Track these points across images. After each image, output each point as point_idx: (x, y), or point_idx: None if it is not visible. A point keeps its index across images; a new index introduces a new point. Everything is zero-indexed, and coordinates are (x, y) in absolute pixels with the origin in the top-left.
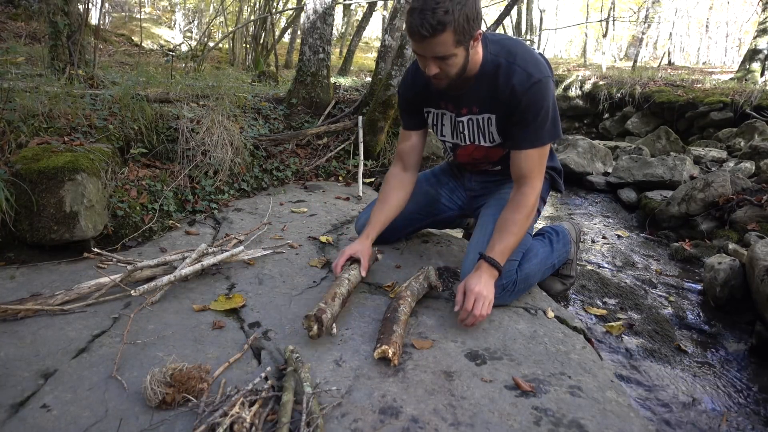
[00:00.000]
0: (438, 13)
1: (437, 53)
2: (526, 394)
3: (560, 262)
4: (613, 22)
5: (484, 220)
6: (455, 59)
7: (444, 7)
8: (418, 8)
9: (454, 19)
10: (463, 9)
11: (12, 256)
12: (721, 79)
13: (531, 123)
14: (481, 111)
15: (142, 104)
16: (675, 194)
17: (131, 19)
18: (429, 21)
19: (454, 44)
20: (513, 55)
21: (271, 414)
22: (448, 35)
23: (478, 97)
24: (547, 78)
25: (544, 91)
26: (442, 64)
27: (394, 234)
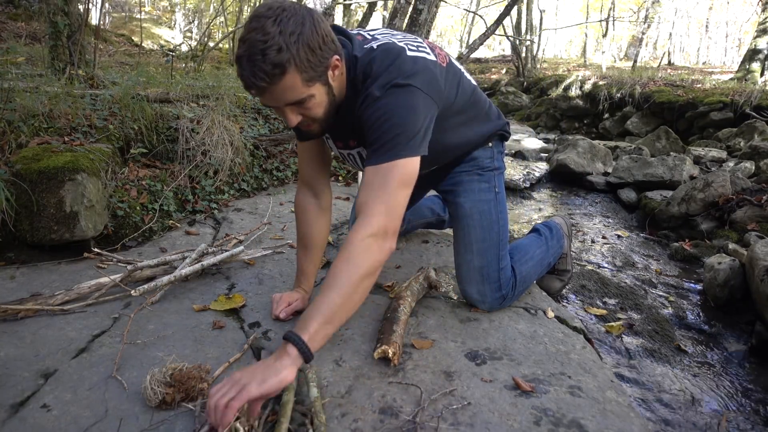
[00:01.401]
0: (269, 54)
1: (288, 100)
2: (526, 394)
3: (555, 258)
4: (613, 22)
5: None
6: (314, 99)
7: (275, 44)
8: (245, 56)
9: (293, 55)
10: (300, 39)
11: (12, 256)
12: (721, 79)
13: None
14: (360, 143)
15: (142, 104)
16: (675, 194)
17: (131, 19)
18: (263, 68)
19: (305, 84)
20: (369, 70)
21: (272, 414)
22: (292, 77)
23: (348, 130)
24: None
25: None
26: (301, 109)
27: None
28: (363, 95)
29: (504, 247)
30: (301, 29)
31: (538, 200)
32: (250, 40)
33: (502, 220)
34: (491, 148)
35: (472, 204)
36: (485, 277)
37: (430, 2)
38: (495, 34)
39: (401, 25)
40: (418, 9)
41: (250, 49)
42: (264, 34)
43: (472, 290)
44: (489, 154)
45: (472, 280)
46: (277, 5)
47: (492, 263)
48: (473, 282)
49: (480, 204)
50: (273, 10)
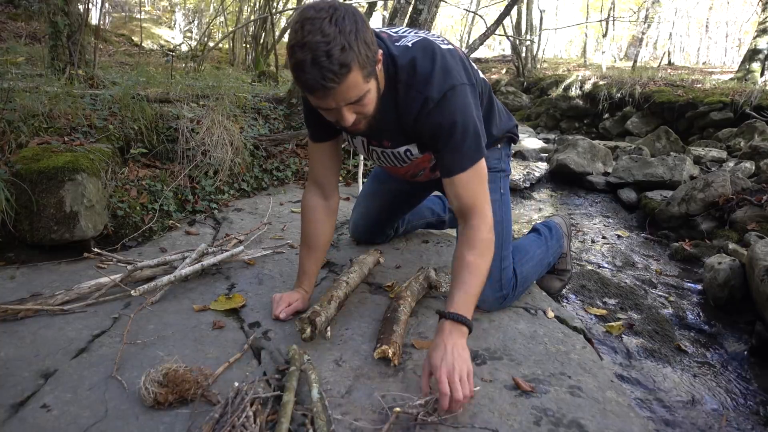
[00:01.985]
0: (334, 54)
1: (349, 99)
2: (526, 394)
3: (555, 258)
4: (613, 22)
5: None
6: (369, 96)
7: (338, 43)
8: (309, 59)
9: (356, 53)
10: (358, 35)
11: (12, 256)
12: (721, 79)
13: (450, 144)
14: (395, 145)
15: (142, 104)
16: (675, 194)
17: (131, 19)
18: (329, 68)
19: (365, 80)
20: (412, 71)
21: (272, 414)
22: (355, 74)
23: (385, 129)
24: (454, 88)
25: (453, 106)
26: (358, 107)
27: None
28: (418, 98)
29: (507, 248)
30: (356, 26)
31: (538, 200)
32: (311, 43)
33: (506, 222)
34: (499, 150)
35: None
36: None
37: (430, 2)
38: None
39: (401, 25)
40: (418, 9)
41: (314, 52)
42: (324, 35)
43: None
44: (497, 156)
45: None
46: (327, 5)
47: (494, 263)
48: None
49: None
50: (325, 10)
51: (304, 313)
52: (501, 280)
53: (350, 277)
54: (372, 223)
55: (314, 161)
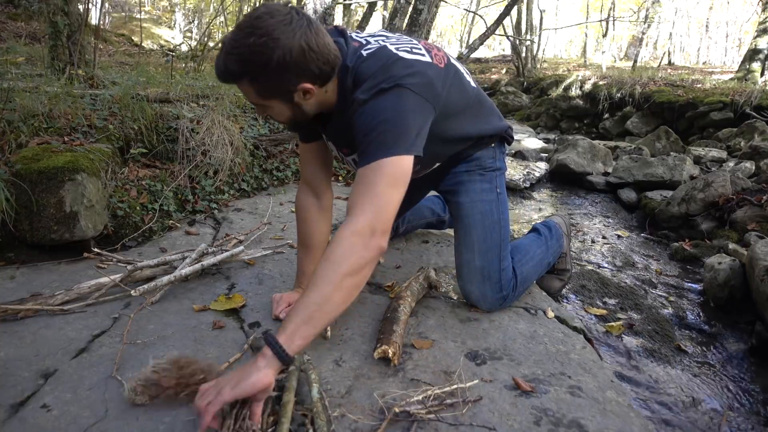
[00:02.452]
0: (229, 61)
1: (248, 99)
2: (526, 394)
3: (555, 258)
4: (613, 22)
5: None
6: (272, 110)
7: (237, 54)
8: (222, 48)
9: (248, 71)
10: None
11: (12, 256)
12: (721, 79)
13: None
14: (352, 152)
15: (142, 104)
16: (675, 194)
17: (131, 19)
18: (220, 67)
19: (258, 96)
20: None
21: (272, 414)
22: (246, 86)
23: (341, 136)
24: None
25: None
26: (263, 110)
27: None
28: (353, 102)
29: (505, 247)
30: (271, 53)
31: (538, 200)
32: (228, 38)
33: (504, 221)
34: (493, 149)
35: (474, 204)
36: (486, 278)
37: (430, 2)
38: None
39: (401, 25)
40: (418, 9)
41: (224, 46)
42: (236, 42)
43: (473, 290)
44: (491, 154)
45: (473, 281)
46: (266, 20)
47: (493, 263)
48: (474, 282)
49: (482, 204)
50: (259, 20)
51: None
52: (501, 281)
53: None
54: None
55: (303, 161)
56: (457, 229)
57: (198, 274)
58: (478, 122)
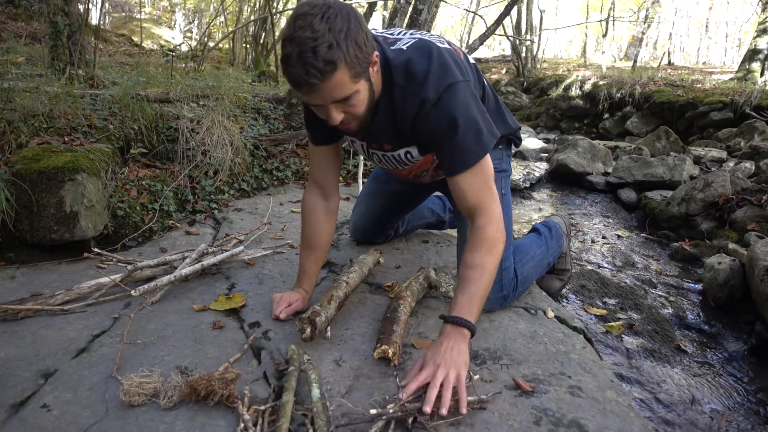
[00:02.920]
0: (320, 51)
1: (335, 97)
2: (526, 394)
3: (555, 258)
4: (613, 22)
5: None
6: (357, 96)
7: (326, 41)
8: (295, 54)
9: (343, 52)
10: (349, 35)
11: (12, 256)
12: (721, 79)
13: (451, 143)
14: (395, 148)
15: (142, 104)
16: (675, 194)
17: (131, 19)
18: (315, 65)
19: (352, 80)
20: (407, 73)
21: (272, 414)
22: (341, 73)
23: (384, 132)
24: (450, 86)
25: (450, 105)
26: (345, 107)
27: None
28: (415, 100)
29: (507, 248)
30: (348, 26)
31: (538, 200)
32: (299, 38)
33: (507, 222)
34: (500, 150)
35: None
36: None
37: (430, 2)
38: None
39: (401, 25)
40: (418, 9)
41: (300, 47)
42: (313, 32)
43: None
44: (497, 156)
45: None
46: (322, 2)
47: None
48: None
49: None
50: (318, 7)
51: (304, 313)
52: (501, 281)
53: (350, 277)
54: (372, 223)
55: (314, 163)
56: (460, 228)
57: (198, 274)
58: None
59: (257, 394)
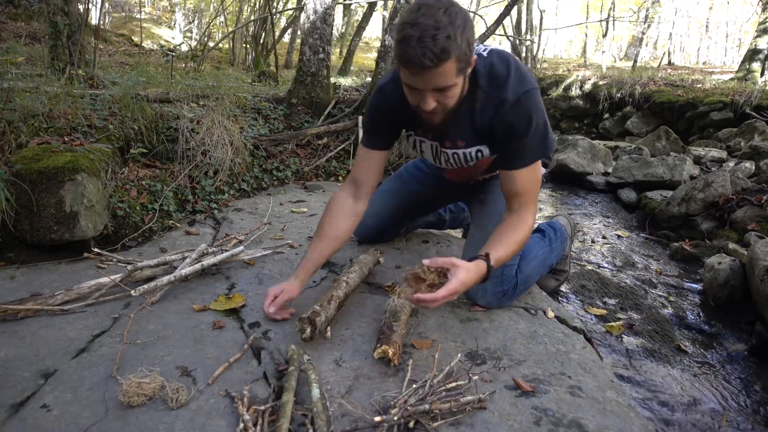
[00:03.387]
0: (439, 39)
1: (438, 84)
2: (526, 394)
3: (558, 260)
4: (613, 22)
5: (482, 219)
6: (454, 89)
7: (446, 32)
8: (416, 36)
9: (458, 46)
10: (464, 33)
11: (12, 256)
12: (721, 79)
13: (520, 141)
14: (469, 145)
15: (142, 104)
16: (675, 194)
17: (131, 19)
18: (432, 49)
19: (456, 73)
20: (490, 76)
21: (271, 414)
22: (451, 64)
23: (461, 130)
24: (528, 92)
25: (527, 107)
26: (441, 96)
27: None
28: (494, 101)
29: None
30: (465, 25)
31: (538, 200)
32: (422, 24)
33: None
34: None
35: (497, 207)
36: None
37: None
38: (495, 34)
39: None
40: None
41: (422, 32)
42: (436, 21)
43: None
44: None
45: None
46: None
47: None
48: None
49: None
50: (442, 2)
51: (303, 313)
52: (502, 276)
53: (350, 277)
54: (384, 222)
55: (363, 166)
56: (472, 226)
57: (198, 274)
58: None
59: (257, 394)
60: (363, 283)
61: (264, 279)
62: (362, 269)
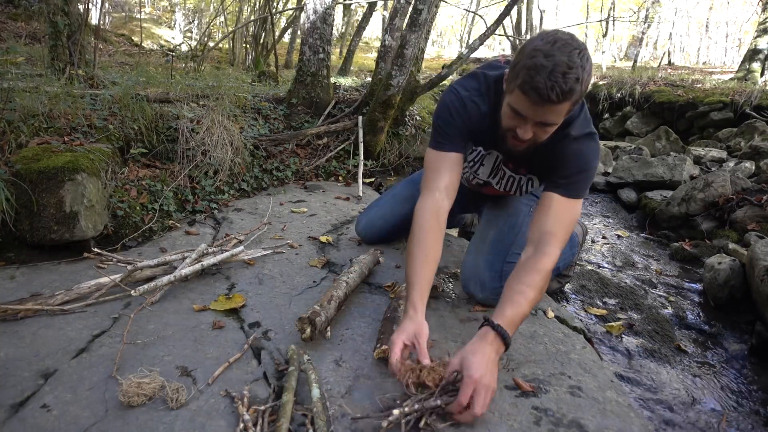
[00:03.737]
0: (570, 79)
1: (547, 120)
2: (526, 394)
3: (565, 266)
4: (613, 22)
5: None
6: (555, 128)
7: (576, 74)
8: (549, 68)
9: (581, 90)
10: (587, 80)
11: (12, 256)
12: (722, 79)
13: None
14: (529, 173)
15: (142, 104)
16: (675, 194)
17: (131, 19)
18: (561, 86)
19: (566, 114)
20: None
21: (271, 414)
22: (568, 105)
23: (531, 162)
24: (591, 134)
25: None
26: (540, 130)
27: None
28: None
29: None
30: (590, 71)
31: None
32: (557, 59)
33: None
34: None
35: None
36: (489, 266)
37: (430, 2)
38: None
39: (401, 25)
40: (418, 9)
41: (556, 66)
42: (571, 60)
43: (473, 275)
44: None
45: (477, 267)
46: (579, 42)
47: (500, 255)
48: (477, 269)
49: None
50: (578, 43)
51: (303, 313)
52: (502, 271)
53: (350, 277)
54: (392, 226)
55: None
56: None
57: (198, 274)
58: None
59: (257, 394)
60: (363, 283)
61: (264, 279)
62: (362, 269)
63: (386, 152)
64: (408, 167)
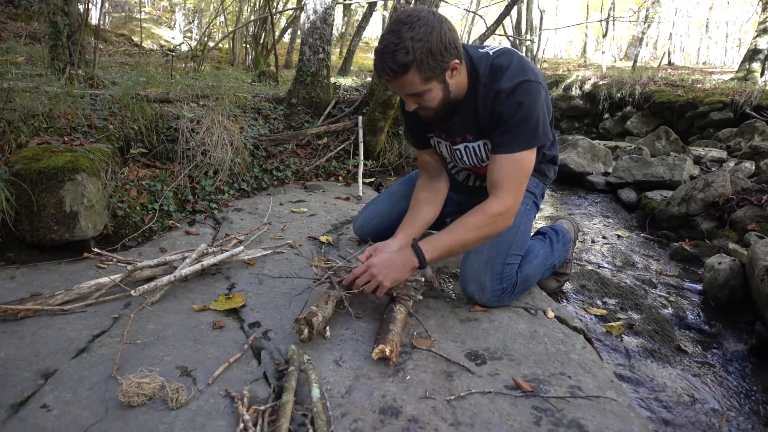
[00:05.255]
0: (398, 55)
1: (406, 92)
2: (526, 394)
3: (560, 262)
4: (613, 22)
5: None
6: (430, 94)
7: (404, 47)
8: (380, 51)
9: (416, 58)
10: (426, 45)
11: (12, 256)
12: (722, 79)
13: (506, 125)
14: (476, 138)
15: (142, 104)
16: (675, 194)
17: (131, 19)
18: (389, 65)
19: (423, 82)
20: (489, 70)
21: (271, 414)
22: (412, 75)
23: (468, 124)
24: (525, 81)
25: (519, 94)
26: (419, 99)
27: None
28: (492, 93)
29: (517, 250)
30: (428, 37)
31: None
32: (387, 41)
33: (523, 231)
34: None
35: None
36: (489, 267)
37: (430, 2)
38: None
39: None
40: None
41: (384, 48)
42: (398, 38)
43: (472, 280)
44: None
45: (477, 270)
46: (416, 15)
47: (500, 256)
48: (477, 271)
49: None
50: (411, 17)
51: (300, 314)
52: (502, 273)
53: None
54: (389, 224)
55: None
56: None
57: (198, 274)
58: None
59: (257, 394)
60: None
61: (264, 279)
62: None
63: (386, 152)
64: (408, 167)
